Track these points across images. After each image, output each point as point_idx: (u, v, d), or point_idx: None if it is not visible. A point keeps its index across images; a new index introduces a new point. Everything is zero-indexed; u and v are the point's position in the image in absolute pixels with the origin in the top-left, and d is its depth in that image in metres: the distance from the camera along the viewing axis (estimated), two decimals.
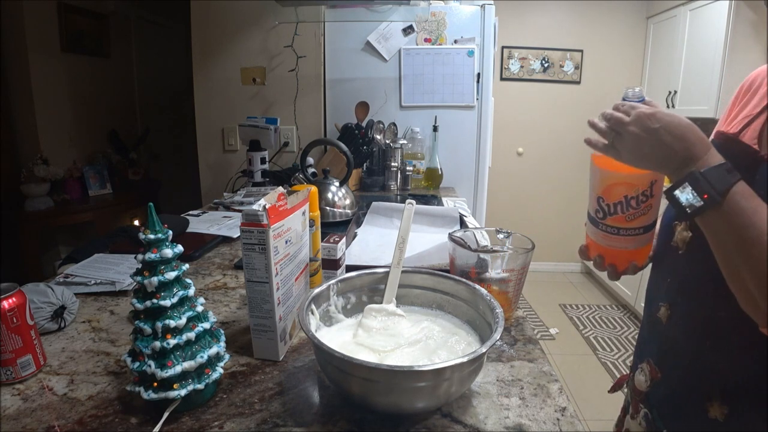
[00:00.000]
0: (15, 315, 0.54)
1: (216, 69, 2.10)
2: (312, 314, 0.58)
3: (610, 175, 0.57)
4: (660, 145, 0.50)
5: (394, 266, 0.65)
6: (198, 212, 1.42)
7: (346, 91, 2.06)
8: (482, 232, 0.84)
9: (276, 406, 0.51)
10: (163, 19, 3.54)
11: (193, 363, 0.49)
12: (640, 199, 0.57)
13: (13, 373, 0.54)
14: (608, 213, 0.58)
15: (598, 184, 0.59)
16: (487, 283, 0.68)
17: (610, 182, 0.58)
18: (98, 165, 2.80)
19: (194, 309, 0.51)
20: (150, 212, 0.48)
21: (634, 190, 0.56)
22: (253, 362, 0.60)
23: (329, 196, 1.28)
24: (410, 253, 0.89)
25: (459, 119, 2.04)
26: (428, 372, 0.45)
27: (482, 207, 2.13)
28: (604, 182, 0.58)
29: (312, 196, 0.71)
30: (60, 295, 0.69)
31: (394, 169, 1.85)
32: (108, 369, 0.58)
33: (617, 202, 0.57)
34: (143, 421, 0.48)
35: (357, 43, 2.01)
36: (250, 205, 0.56)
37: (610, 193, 0.58)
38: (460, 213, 1.23)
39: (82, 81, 2.83)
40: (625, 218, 0.58)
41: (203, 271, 0.93)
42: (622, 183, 0.57)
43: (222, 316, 0.73)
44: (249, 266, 0.56)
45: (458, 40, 1.99)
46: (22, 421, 0.48)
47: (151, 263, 0.48)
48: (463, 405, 0.52)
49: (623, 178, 0.56)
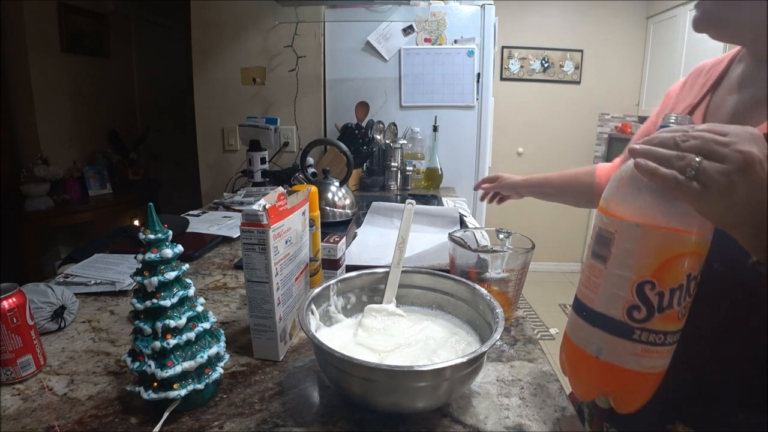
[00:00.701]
0: (15, 315, 0.54)
1: (216, 69, 2.10)
2: (312, 314, 0.58)
3: (675, 240, 0.37)
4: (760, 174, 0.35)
5: (394, 266, 0.65)
6: (198, 212, 1.42)
7: (346, 91, 2.06)
8: (482, 232, 0.84)
9: (276, 406, 0.51)
10: (163, 19, 3.54)
11: (193, 363, 0.48)
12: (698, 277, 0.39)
13: (13, 373, 0.54)
14: (659, 309, 0.38)
15: (644, 259, 0.37)
16: (487, 283, 0.68)
17: (672, 253, 0.37)
18: (98, 165, 2.80)
19: (194, 309, 0.51)
20: (150, 212, 0.48)
21: (699, 262, 0.38)
22: (253, 362, 0.60)
23: (329, 196, 1.28)
24: (410, 253, 0.89)
25: (459, 119, 2.04)
26: (428, 372, 0.45)
27: (482, 207, 2.13)
28: (660, 254, 0.37)
29: (312, 196, 0.71)
30: (60, 295, 0.69)
31: (394, 169, 1.85)
32: (108, 369, 0.58)
33: (677, 287, 0.38)
34: (143, 421, 0.48)
35: (357, 43, 2.01)
36: (250, 205, 0.56)
37: (668, 272, 0.37)
38: (460, 213, 1.23)
39: (82, 81, 2.83)
40: (678, 314, 0.38)
41: (203, 271, 0.93)
42: (691, 253, 0.37)
43: (222, 316, 0.73)
44: (249, 266, 0.56)
45: (458, 40, 1.99)
46: (22, 421, 0.48)
47: (151, 263, 0.48)
48: (463, 405, 0.52)
49: (694, 243, 0.37)
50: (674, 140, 0.38)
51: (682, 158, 0.37)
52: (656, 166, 0.37)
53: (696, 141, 0.37)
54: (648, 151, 0.39)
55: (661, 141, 0.39)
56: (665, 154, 0.38)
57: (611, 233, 0.40)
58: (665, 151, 0.38)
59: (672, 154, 0.37)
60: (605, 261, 0.40)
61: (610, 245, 0.40)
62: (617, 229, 0.40)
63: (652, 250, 0.38)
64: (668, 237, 0.37)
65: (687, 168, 0.36)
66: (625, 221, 0.39)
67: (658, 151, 0.38)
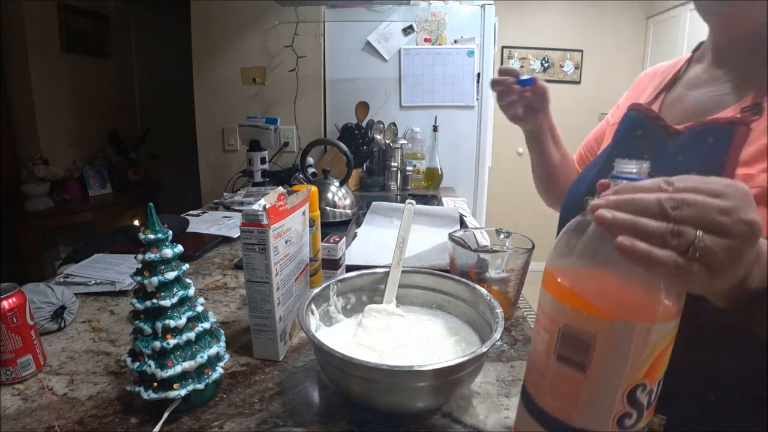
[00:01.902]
0: (15, 315, 0.54)
1: (216, 69, 2.10)
2: (312, 314, 0.58)
3: (668, 328, 0.31)
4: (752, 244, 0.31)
5: (394, 266, 0.65)
6: (198, 212, 1.42)
7: (346, 91, 2.06)
8: (482, 232, 0.84)
9: (276, 406, 0.51)
10: (163, 19, 3.54)
11: (193, 363, 0.48)
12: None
13: (13, 373, 0.54)
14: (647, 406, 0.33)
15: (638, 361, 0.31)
16: (487, 283, 0.68)
17: (665, 344, 0.32)
18: (98, 165, 2.80)
19: (194, 309, 0.51)
20: (150, 212, 0.48)
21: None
22: (253, 362, 0.60)
23: (329, 196, 1.28)
24: (410, 253, 0.89)
25: (459, 119, 2.04)
26: (428, 372, 0.45)
27: (482, 207, 2.13)
28: (655, 350, 0.31)
29: (312, 196, 0.71)
30: (60, 295, 0.69)
31: (394, 169, 1.85)
32: (108, 369, 0.58)
33: (663, 376, 0.33)
34: (143, 421, 0.48)
35: (357, 43, 2.01)
36: (250, 205, 0.56)
37: (659, 365, 0.32)
38: (460, 213, 1.23)
39: (82, 81, 2.83)
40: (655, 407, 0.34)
41: (203, 271, 0.93)
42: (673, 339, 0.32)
43: (222, 316, 0.73)
44: (249, 266, 0.56)
45: (458, 40, 1.99)
46: (22, 421, 0.48)
47: (151, 263, 0.48)
48: (463, 405, 0.52)
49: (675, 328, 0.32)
50: (661, 207, 0.30)
51: (679, 234, 0.29)
52: (649, 250, 0.29)
53: (691, 209, 0.30)
54: (633, 226, 0.30)
55: (644, 207, 0.30)
56: (655, 229, 0.29)
57: (590, 335, 0.32)
58: (654, 224, 0.30)
59: (664, 229, 0.29)
60: (584, 369, 0.32)
61: (590, 351, 0.32)
62: (599, 330, 0.31)
63: (646, 350, 0.31)
64: (664, 328, 0.31)
65: (688, 248, 0.29)
66: (610, 321, 0.31)
67: (646, 226, 0.30)
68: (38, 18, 2.49)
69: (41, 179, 2.40)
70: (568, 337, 0.33)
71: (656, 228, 0.30)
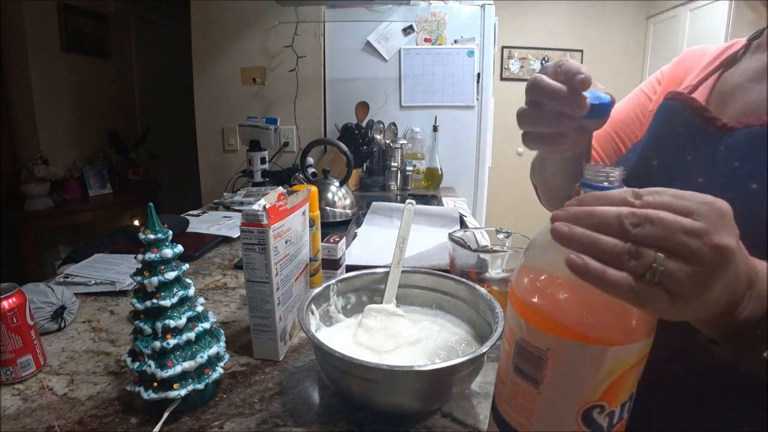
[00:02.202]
0: (15, 315, 0.54)
1: (216, 69, 2.10)
2: (312, 314, 0.58)
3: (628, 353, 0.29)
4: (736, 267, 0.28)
5: (394, 266, 0.65)
6: (198, 212, 1.42)
7: (346, 91, 2.06)
8: (482, 232, 0.84)
9: (276, 406, 0.51)
10: (163, 19, 3.54)
11: (193, 363, 0.48)
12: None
13: (13, 373, 0.54)
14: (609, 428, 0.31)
15: (592, 383, 0.30)
16: (487, 283, 0.68)
17: (625, 367, 0.29)
18: (98, 165, 2.80)
19: (194, 309, 0.51)
20: (150, 212, 0.48)
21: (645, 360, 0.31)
22: (253, 362, 0.60)
23: (329, 196, 1.28)
24: (410, 253, 0.89)
25: (459, 119, 2.04)
26: (428, 372, 0.45)
27: (482, 207, 2.13)
28: (612, 373, 0.29)
29: (312, 196, 0.71)
30: (60, 295, 0.69)
31: (394, 169, 1.85)
32: (108, 369, 0.58)
33: (628, 397, 0.31)
34: (143, 421, 0.48)
35: (357, 43, 2.02)
36: (250, 205, 0.56)
37: (620, 389, 0.30)
38: (460, 213, 1.23)
39: (82, 81, 2.83)
40: (626, 420, 0.33)
41: (203, 271, 0.93)
42: (643, 357, 0.30)
43: (222, 316, 0.73)
44: (249, 266, 0.56)
45: (458, 40, 1.99)
46: (22, 421, 0.48)
47: (151, 263, 0.48)
48: (463, 405, 0.52)
49: (647, 346, 0.30)
50: (621, 223, 0.27)
51: (637, 255, 0.26)
52: (603, 270, 0.26)
53: (654, 228, 0.26)
54: (588, 242, 0.27)
55: (602, 222, 0.28)
56: (611, 248, 0.27)
57: (543, 352, 0.31)
58: (611, 242, 0.27)
59: (620, 248, 0.27)
60: (537, 385, 0.31)
61: (542, 367, 0.31)
62: (551, 347, 0.30)
63: (601, 373, 0.29)
64: (622, 353, 0.29)
65: (646, 272, 0.26)
66: (564, 339, 0.29)
67: (602, 244, 0.27)
68: (38, 18, 2.49)
69: (41, 179, 2.40)
70: (524, 351, 0.32)
71: (612, 247, 0.27)
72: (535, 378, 0.31)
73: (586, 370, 0.29)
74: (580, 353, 0.29)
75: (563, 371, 0.30)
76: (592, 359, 0.29)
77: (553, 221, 0.30)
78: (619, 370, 0.29)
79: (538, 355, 0.31)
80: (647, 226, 0.27)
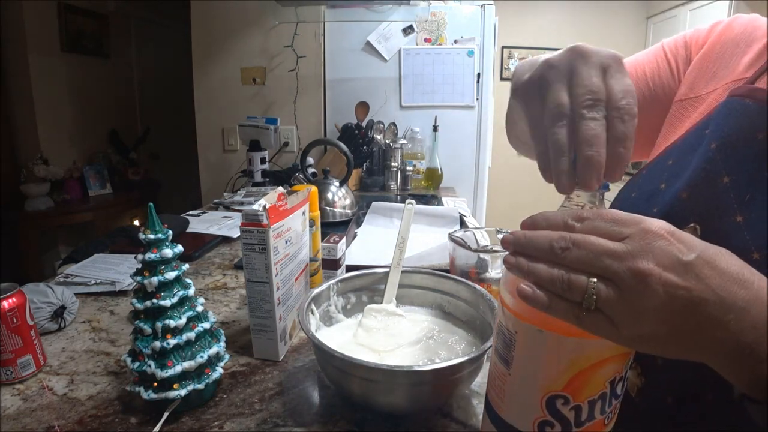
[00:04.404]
0: (15, 315, 0.54)
1: (216, 69, 2.10)
2: (312, 314, 0.58)
3: (591, 348, 0.29)
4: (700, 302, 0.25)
5: (394, 266, 0.65)
6: (198, 212, 1.42)
7: (346, 91, 2.06)
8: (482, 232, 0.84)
9: (276, 406, 0.51)
10: (163, 19, 3.54)
11: (193, 363, 0.48)
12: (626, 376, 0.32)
13: (13, 373, 0.54)
14: (577, 424, 0.31)
15: (552, 372, 0.30)
16: (487, 283, 0.68)
17: (588, 363, 0.30)
18: (98, 165, 2.80)
19: (194, 309, 0.51)
20: (150, 212, 0.48)
21: (625, 362, 0.31)
22: (253, 362, 0.60)
23: (329, 196, 1.28)
24: (410, 253, 0.89)
25: (459, 119, 2.04)
26: (428, 372, 0.45)
27: (482, 207, 2.13)
28: (572, 366, 0.30)
29: (312, 196, 0.71)
30: (60, 295, 0.69)
31: (394, 169, 1.85)
32: (108, 369, 0.58)
33: (598, 396, 0.31)
34: (143, 421, 0.48)
35: (357, 43, 2.02)
36: (250, 205, 0.56)
37: (584, 385, 0.30)
38: (460, 213, 1.23)
39: (82, 81, 2.83)
40: (604, 421, 0.32)
41: (203, 271, 0.93)
42: (613, 357, 0.30)
43: (222, 316, 0.73)
44: (249, 266, 0.56)
45: (458, 40, 1.99)
46: (22, 421, 0.48)
47: (151, 263, 0.48)
48: (463, 405, 0.52)
49: (610, 348, 0.29)
50: (551, 248, 0.27)
51: (570, 283, 0.26)
52: (548, 301, 0.27)
53: (580, 252, 0.26)
54: (527, 273, 0.28)
55: (537, 248, 0.28)
56: (547, 276, 0.27)
57: (512, 333, 0.32)
58: (545, 272, 0.27)
59: (555, 276, 0.27)
60: (508, 365, 0.33)
61: (511, 348, 0.32)
62: (518, 330, 0.32)
63: (562, 362, 0.30)
64: (581, 345, 0.29)
65: (581, 298, 0.26)
66: (525, 324, 0.31)
67: (537, 273, 0.27)
68: (38, 18, 2.49)
69: (41, 179, 2.40)
70: (500, 333, 0.34)
71: (547, 275, 0.27)
72: (506, 359, 0.33)
73: (545, 356, 0.31)
74: (540, 339, 0.30)
75: (527, 355, 0.32)
76: (551, 346, 0.30)
77: (503, 245, 0.31)
78: (582, 363, 0.30)
79: (510, 337, 0.33)
80: (574, 250, 0.27)
